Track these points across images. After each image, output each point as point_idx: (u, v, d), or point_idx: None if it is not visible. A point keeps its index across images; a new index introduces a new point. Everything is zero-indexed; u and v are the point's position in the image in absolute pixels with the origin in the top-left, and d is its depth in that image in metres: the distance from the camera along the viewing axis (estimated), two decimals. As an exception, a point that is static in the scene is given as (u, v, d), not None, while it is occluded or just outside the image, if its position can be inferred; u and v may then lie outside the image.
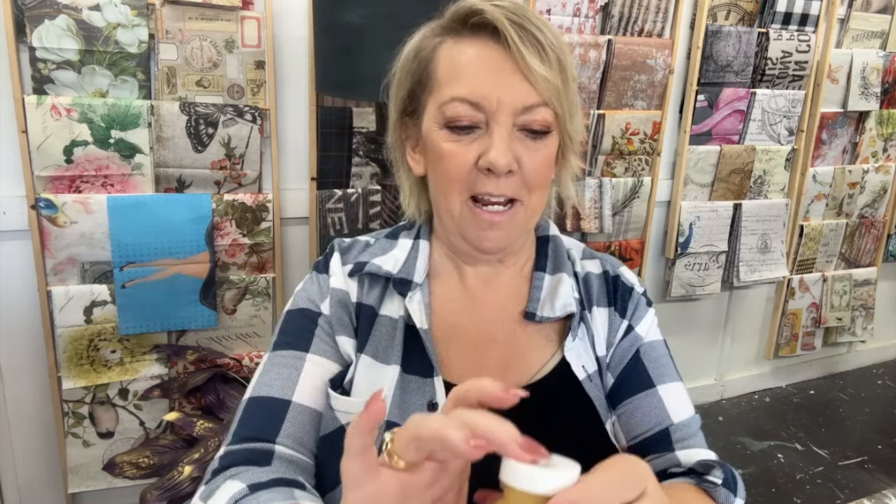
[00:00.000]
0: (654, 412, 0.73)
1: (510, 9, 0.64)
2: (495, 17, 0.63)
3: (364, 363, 0.71)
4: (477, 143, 0.65)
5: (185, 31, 1.60)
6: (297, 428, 0.69)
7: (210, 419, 1.55)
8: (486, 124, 0.65)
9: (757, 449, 2.45)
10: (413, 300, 0.72)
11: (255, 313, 1.83)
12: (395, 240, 0.78)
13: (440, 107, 0.66)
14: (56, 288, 1.62)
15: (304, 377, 0.70)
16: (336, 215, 1.86)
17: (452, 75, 0.66)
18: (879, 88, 2.57)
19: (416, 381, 0.69)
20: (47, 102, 1.51)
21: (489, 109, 0.64)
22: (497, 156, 0.64)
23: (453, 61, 0.66)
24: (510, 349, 0.73)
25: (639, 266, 2.36)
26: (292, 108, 1.79)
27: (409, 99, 0.71)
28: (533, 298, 0.74)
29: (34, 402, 1.72)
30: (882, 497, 0.99)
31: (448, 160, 0.66)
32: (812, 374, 3.02)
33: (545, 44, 0.64)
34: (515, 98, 0.64)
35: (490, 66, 0.64)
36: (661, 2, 2.12)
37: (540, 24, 0.64)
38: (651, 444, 0.72)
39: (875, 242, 2.84)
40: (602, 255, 0.82)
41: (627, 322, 0.77)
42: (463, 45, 0.66)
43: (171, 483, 1.41)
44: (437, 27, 0.69)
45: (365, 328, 0.73)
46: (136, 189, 1.64)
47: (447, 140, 0.66)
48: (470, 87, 0.64)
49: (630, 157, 2.23)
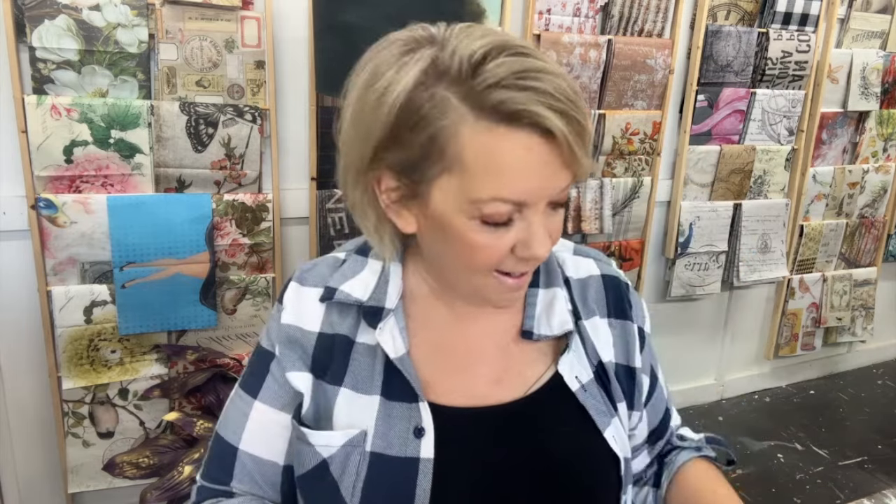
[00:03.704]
0: (661, 397, 0.83)
1: (549, 91, 0.55)
2: (546, 121, 0.55)
3: (344, 395, 0.69)
4: (513, 233, 0.61)
5: (185, 31, 1.60)
6: (244, 474, 0.74)
7: (210, 419, 1.55)
8: (521, 212, 0.60)
9: (757, 449, 2.45)
10: (384, 330, 0.68)
11: (255, 313, 1.83)
12: (365, 258, 0.73)
13: (475, 202, 0.58)
14: (56, 288, 1.62)
15: (250, 426, 0.73)
16: (337, 215, 1.86)
17: (492, 171, 0.57)
18: (879, 88, 2.57)
19: (401, 408, 0.67)
20: (47, 102, 1.51)
21: (530, 202, 0.59)
22: (540, 248, 0.61)
23: (492, 155, 0.56)
24: (503, 365, 0.72)
25: (639, 266, 2.36)
26: (292, 108, 1.79)
27: (403, 165, 0.61)
28: (528, 315, 0.72)
29: (34, 402, 1.72)
30: (882, 497, 0.99)
31: (479, 251, 0.61)
32: (812, 374, 3.02)
33: (584, 125, 0.57)
34: (558, 187, 0.60)
35: (538, 162, 0.57)
36: (661, 2, 2.12)
37: (574, 97, 0.56)
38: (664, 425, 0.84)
39: (875, 242, 2.84)
40: (594, 252, 0.82)
41: (637, 326, 0.78)
42: (501, 135, 0.56)
43: (171, 483, 1.42)
44: (441, 83, 0.57)
45: (340, 360, 0.70)
46: (136, 189, 1.64)
47: (481, 233, 0.60)
48: (517, 188, 0.58)
49: (630, 157, 2.23)
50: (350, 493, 0.65)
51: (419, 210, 0.63)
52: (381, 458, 0.66)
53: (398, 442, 0.66)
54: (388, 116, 0.58)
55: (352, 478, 0.65)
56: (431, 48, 0.59)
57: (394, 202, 0.64)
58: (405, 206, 0.64)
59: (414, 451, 0.66)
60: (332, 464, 0.67)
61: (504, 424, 0.69)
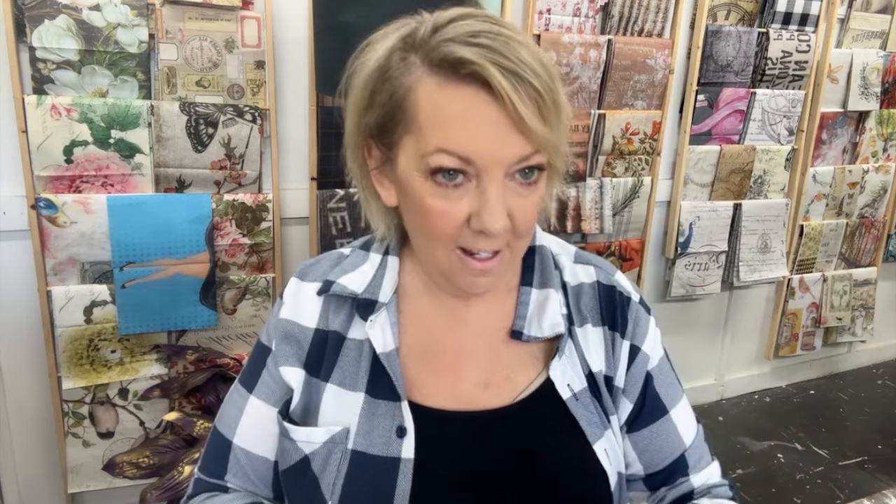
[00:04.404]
0: (671, 440, 0.75)
1: (499, 50, 0.56)
2: (488, 74, 0.55)
3: (330, 392, 0.69)
4: (467, 200, 0.59)
5: (185, 31, 1.60)
6: (237, 469, 0.74)
7: (210, 419, 1.55)
8: (477, 177, 0.59)
9: (757, 449, 2.45)
10: (375, 324, 0.68)
11: (255, 313, 1.83)
12: (367, 252, 0.74)
13: (424, 156, 0.59)
14: (56, 288, 1.62)
15: (245, 421, 0.74)
16: (339, 214, 1.86)
17: (438, 124, 0.58)
18: (879, 88, 2.57)
19: (385, 406, 0.67)
20: (47, 102, 1.51)
21: (480, 165, 0.58)
22: (492, 220, 0.58)
23: (439, 108, 0.58)
24: (492, 368, 0.70)
25: (639, 266, 2.36)
26: (292, 108, 1.79)
27: (377, 129, 0.63)
28: (519, 315, 0.71)
29: (34, 402, 1.72)
30: (882, 497, 0.99)
31: (435, 218, 0.60)
32: (812, 374, 3.02)
33: (542, 91, 0.56)
34: (511, 153, 0.58)
35: (482, 119, 0.57)
36: (661, 2, 2.12)
37: (535, 65, 0.57)
38: (670, 474, 0.76)
39: (875, 242, 2.84)
40: (596, 259, 0.78)
41: (629, 342, 0.73)
42: (449, 89, 0.57)
43: (171, 483, 1.42)
44: (407, 47, 0.60)
45: (331, 356, 0.70)
46: (136, 189, 1.64)
47: (433, 195, 0.60)
48: (460, 141, 0.57)
49: (630, 157, 2.23)
50: (330, 491, 0.65)
51: (396, 184, 0.65)
52: (362, 457, 0.65)
53: (380, 441, 0.66)
54: (367, 81, 0.62)
55: (332, 475, 0.65)
56: (415, 23, 0.62)
57: (375, 171, 0.66)
58: (385, 175, 0.66)
59: (395, 451, 0.65)
60: (313, 460, 0.67)
61: (490, 431, 0.68)
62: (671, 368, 0.78)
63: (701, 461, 0.77)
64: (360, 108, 0.64)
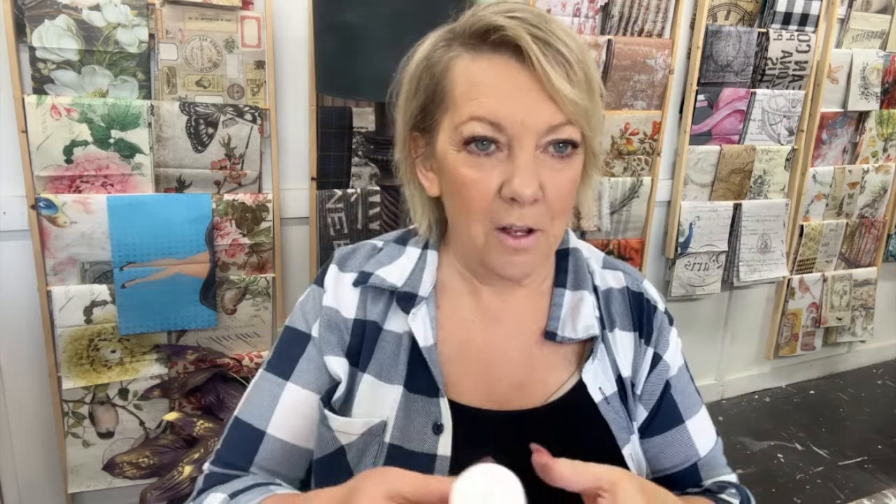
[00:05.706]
0: (684, 449, 0.76)
1: (532, 21, 0.59)
2: (518, 35, 0.57)
3: (367, 382, 0.69)
4: (499, 170, 0.61)
5: (185, 31, 1.60)
6: (269, 460, 0.71)
7: (210, 419, 1.55)
8: (508, 147, 0.60)
9: (757, 449, 2.45)
10: (417, 317, 0.69)
11: (255, 313, 1.83)
12: (403, 246, 0.75)
13: (457, 127, 0.61)
14: (56, 288, 1.62)
15: (281, 408, 0.71)
16: (336, 215, 1.86)
17: (471, 94, 0.61)
18: (879, 88, 2.57)
19: (421, 401, 0.67)
20: (47, 102, 1.51)
21: (511, 132, 0.60)
22: (522, 185, 0.59)
23: (471, 79, 0.61)
24: (525, 369, 0.70)
25: (639, 266, 2.36)
26: (292, 108, 1.79)
27: (420, 115, 0.66)
28: (553, 316, 0.71)
29: (34, 402, 1.72)
30: (882, 497, 0.99)
31: (469, 189, 0.62)
32: (812, 374, 3.02)
33: (572, 61, 0.58)
34: (541, 120, 0.59)
35: (513, 85, 0.59)
36: (661, 2, 2.12)
37: (566, 38, 0.59)
38: (680, 479, 0.76)
39: (875, 242, 2.84)
40: (624, 265, 0.79)
41: (653, 350, 0.74)
42: (481, 61, 0.61)
43: (171, 483, 1.42)
44: (450, 37, 0.64)
45: (368, 346, 0.70)
46: (136, 189, 1.64)
47: (466, 165, 0.61)
48: (491, 107, 0.59)
49: (629, 157, 2.23)
50: None
51: (437, 168, 0.67)
52: (399, 451, 0.65)
53: (417, 436, 0.66)
54: (413, 72, 0.66)
55: (367, 467, 0.65)
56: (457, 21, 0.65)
57: (419, 160, 0.69)
58: (428, 165, 0.68)
59: (431, 448, 0.65)
60: (349, 451, 0.66)
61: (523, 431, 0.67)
62: (691, 379, 0.79)
63: (715, 471, 0.78)
64: (407, 99, 0.67)
